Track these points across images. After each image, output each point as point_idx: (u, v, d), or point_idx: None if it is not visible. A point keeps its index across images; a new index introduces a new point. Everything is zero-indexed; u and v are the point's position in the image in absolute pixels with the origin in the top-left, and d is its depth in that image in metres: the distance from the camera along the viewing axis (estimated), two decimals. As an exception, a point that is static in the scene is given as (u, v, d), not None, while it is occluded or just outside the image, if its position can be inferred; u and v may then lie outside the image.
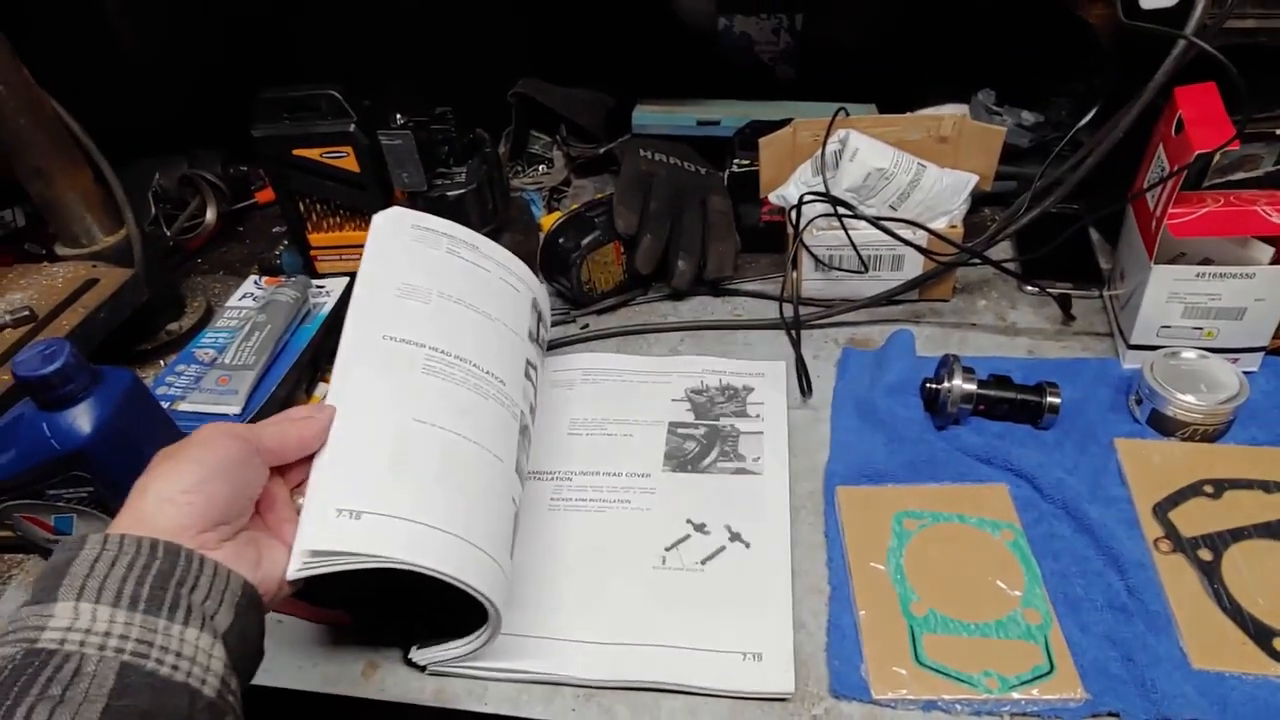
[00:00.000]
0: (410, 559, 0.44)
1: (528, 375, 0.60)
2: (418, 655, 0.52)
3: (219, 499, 0.41)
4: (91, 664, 0.33)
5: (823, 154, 0.72)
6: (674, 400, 0.68)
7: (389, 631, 0.54)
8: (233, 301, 0.80)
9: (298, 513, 0.45)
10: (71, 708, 0.32)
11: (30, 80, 0.70)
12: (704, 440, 0.65)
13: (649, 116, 0.93)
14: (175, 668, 0.35)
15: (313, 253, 0.84)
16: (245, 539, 0.42)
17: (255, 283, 0.83)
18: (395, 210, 0.60)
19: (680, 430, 0.66)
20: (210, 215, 0.97)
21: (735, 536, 0.57)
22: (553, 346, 0.77)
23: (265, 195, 1.03)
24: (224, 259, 0.97)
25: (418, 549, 0.44)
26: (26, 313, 0.65)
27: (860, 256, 0.74)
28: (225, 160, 1.01)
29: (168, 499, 0.40)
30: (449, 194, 0.76)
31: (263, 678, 0.54)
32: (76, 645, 0.33)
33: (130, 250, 0.75)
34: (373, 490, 0.46)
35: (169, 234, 0.92)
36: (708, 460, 0.63)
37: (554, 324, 0.80)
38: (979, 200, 0.84)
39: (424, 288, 0.56)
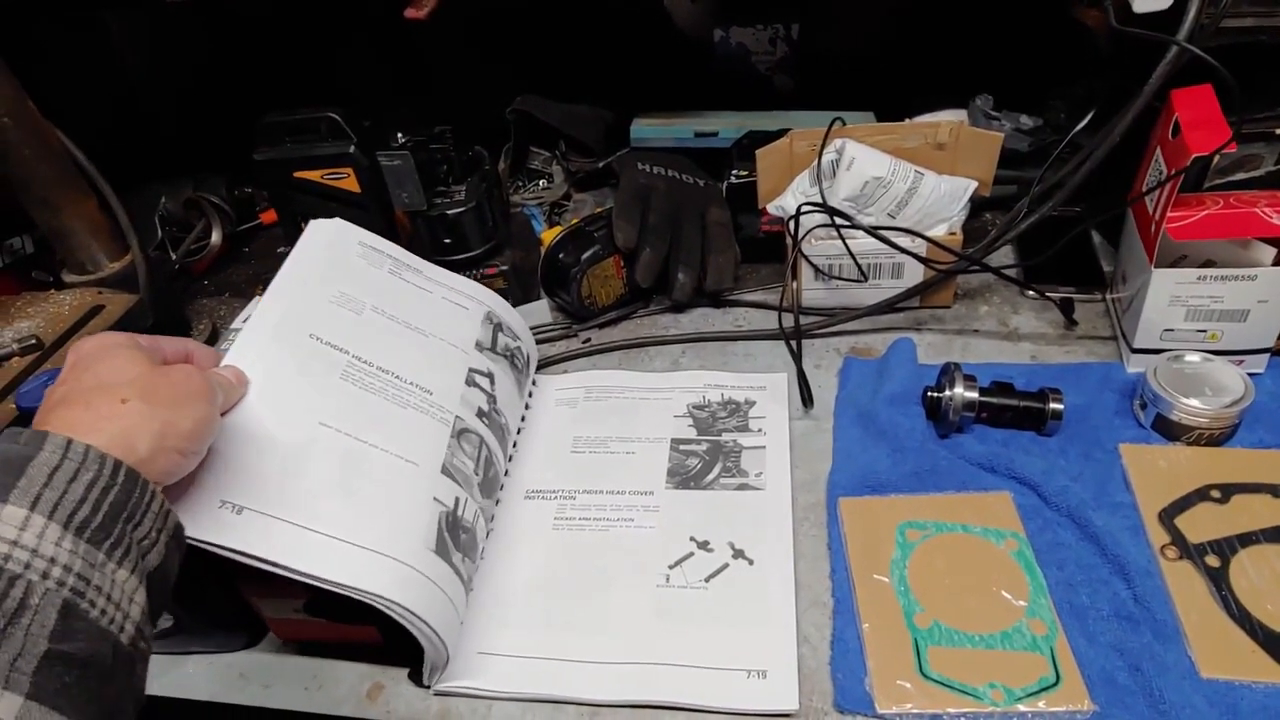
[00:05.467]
0: (284, 561, 0.45)
1: (474, 383, 0.62)
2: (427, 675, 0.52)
3: (192, 466, 0.42)
4: (36, 595, 0.32)
5: (819, 164, 0.72)
6: (676, 416, 0.68)
7: (410, 648, 0.54)
8: (236, 323, 0.80)
9: None
10: (14, 646, 0.30)
11: (36, 112, 0.71)
12: (706, 456, 0.65)
13: (647, 129, 0.93)
14: (104, 612, 0.34)
15: (316, 273, 0.85)
16: None
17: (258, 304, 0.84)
18: (340, 223, 0.63)
19: (683, 447, 0.66)
20: (216, 237, 0.98)
21: (738, 553, 0.57)
22: (555, 361, 0.78)
23: (270, 216, 1.03)
24: (229, 280, 0.98)
25: (295, 552, 0.45)
26: (33, 341, 0.66)
27: (859, 266, 0.73)
28: (230, 182, 1.02)
29: (164, 449, 0.39)
30: (449, 212, 0.76)
31: (266, 699, 0.54)
32: (20, 567, 0.32)
33: (135, 276, 0.76)
34: (260, 487, 0.46)
35: (175, 257, 0.93)
36: (710, 476, 0.63)
37: (556, 339, 0.81)
38: (979, 205, 0.84)
39: (359, 299, 0.59)
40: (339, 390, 0.53)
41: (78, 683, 0.32)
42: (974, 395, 0.63)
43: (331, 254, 0.61)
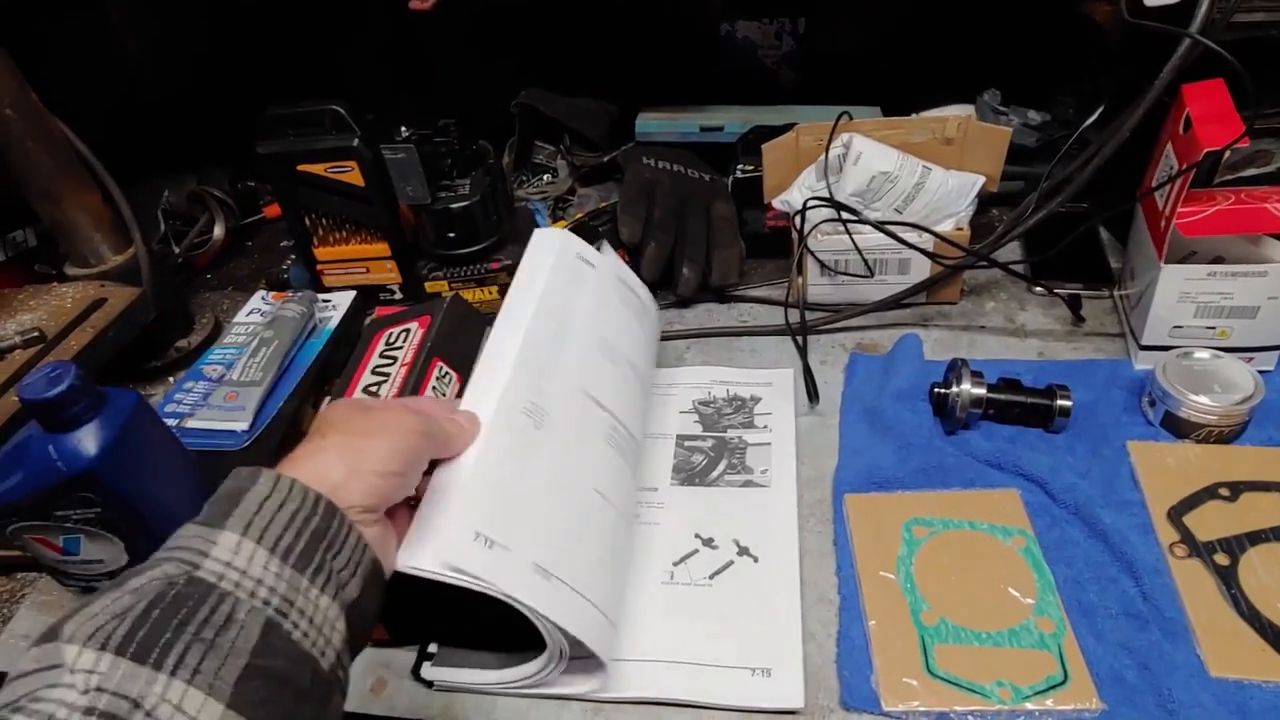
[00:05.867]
0: (530, 602, 0.44)
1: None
2: (433, 673, 0.52)
3: (398, 492, 0.43)
4: (242, 611, 0.33)
5: (825, 159, 0.72)
6: (681, 412, 0.68)
7: (415, 641, 0.54)
8: (240, 317, 0.81)
9: (410, 506, 0.46)
10: (219, 656, 0.32)
11: (39, 105, 0.71)
12: (711, 453, 0.64)
13: (652, 124, 0.93)
14: (305, 634, 0.35)
15: (319, 267, 0.85)
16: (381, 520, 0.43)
17: (263, 298, 0.84)
18: (567, 236, 0.63)
19: (688, 443, 0.65)
20: (219, 231, 0.98)
21: (744, 551, 0.57)
22: (559, 357, 0.77)
23: (273, 210, 1.03)
24: (233, 274, 0.98)
25: (540, 597, 0.45)
26: (36, 334, 0.65)
27: (865, 261, 0.73)
28: (234, 176, 1.02)
29: (359, 474, 0.41)
30: (452, 206, 0.76)
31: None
32: (232, 585, 0.34)
33: (139, 269, 0.76)
34: (519, 530, 0.46)
35: (178, 251, 0.93)
36: (715, 473, 0.63)
37: (560, 334, 0.80)
38: (986, 201, 0.83)
39: (612, 344, 0.60)
40: (606, 456, 0.55)
41: (275, 699, 0.33)
42: (981, 392, 0.62)
43: (580, 282, 0.61)
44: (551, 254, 0.60)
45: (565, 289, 0.60)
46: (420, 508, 0.46)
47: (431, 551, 0.43)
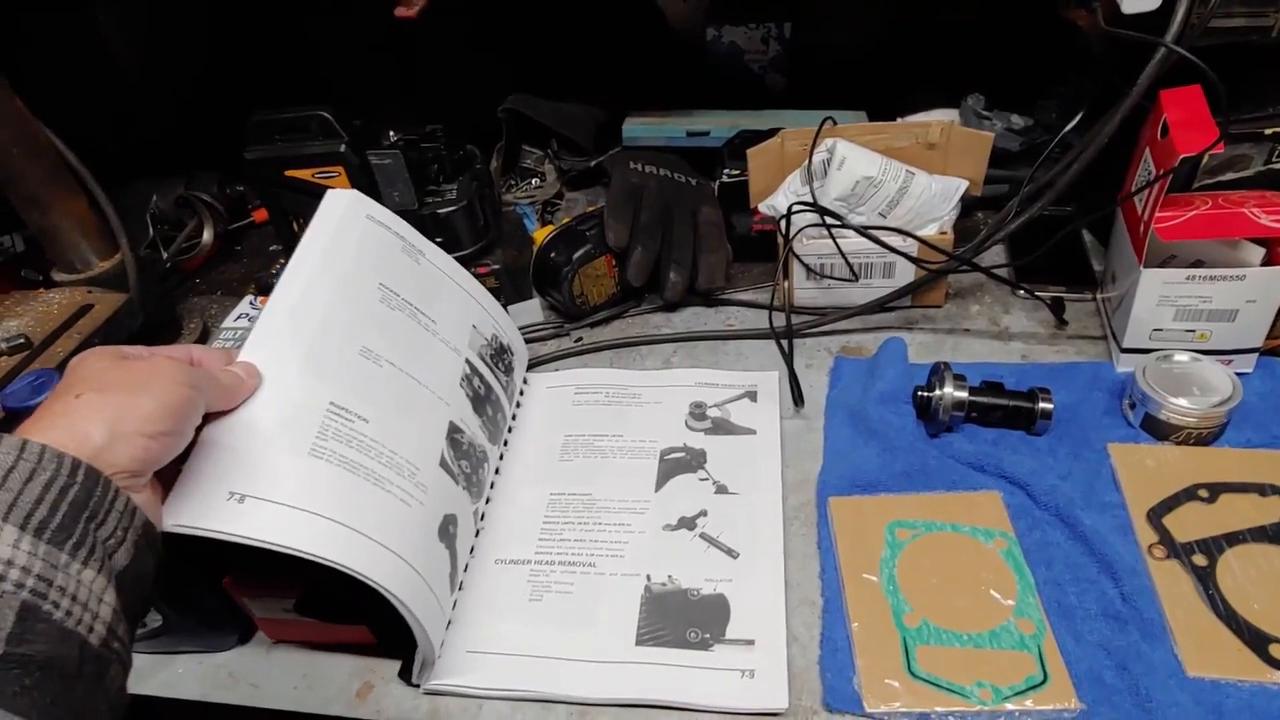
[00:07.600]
0: (297, 546, 0.44)
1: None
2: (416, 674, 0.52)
3: (169, 451, 0.40)
4: None
5: (809, 164, 0.72)
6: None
7: (400, 647, 0.54)
8: (228, 323, 0.81)
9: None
10: None
11: (24, 110, 0.70)
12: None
13: (639, 128, 0.93)
14: (69, 613, 0.33)
15: (307, 272, 0.85)
16: (151, 483, 0.41)
17: (250, 303, 0.84)
18: (353, 196, 0.60)
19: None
20: (207, 236, 0.98)
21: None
22: (546, 360, 0.77)
23: (262, 214, 1.03)
24: (222, 278, 0.98)
25: (303, 537, 0.44)
26: (22, 340, 0.65)
27: (850, 265, 0.74)
28: (222, 180, 1.01)
29: (124, 435, 0.37)
30: (440, 211, 0.76)
31: (256, 699, 0.54)
32: None
33: (126, 275, 0.76)
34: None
35: (166, 256, 0.93)
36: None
37: (547, 338, 0.80)
38: (971, 204, 0.84)
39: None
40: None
41: (39, 685, 0.31)
42: (964, 395, 0.63)
43: (364, 239, 0.59)
44: (337, 213, 0.59)
45: (351, 247, 0.58)
46: (187, 463, 0.43)
47: (175, 512, 0.42)
